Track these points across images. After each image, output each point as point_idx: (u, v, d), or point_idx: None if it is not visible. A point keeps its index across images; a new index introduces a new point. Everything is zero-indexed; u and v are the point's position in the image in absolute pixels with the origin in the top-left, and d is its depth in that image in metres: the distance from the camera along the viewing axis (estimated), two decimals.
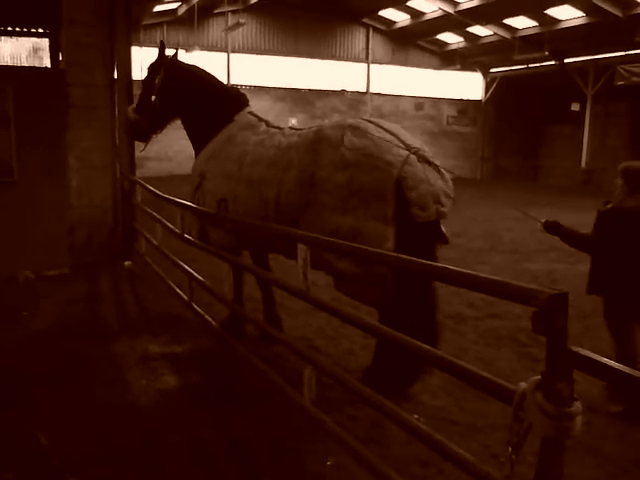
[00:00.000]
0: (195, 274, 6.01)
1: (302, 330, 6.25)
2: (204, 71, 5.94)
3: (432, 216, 4.20)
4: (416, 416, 4.03)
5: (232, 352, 5.32)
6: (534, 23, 26.25)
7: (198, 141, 5.85)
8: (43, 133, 8.30)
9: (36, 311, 6.73)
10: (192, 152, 6.02)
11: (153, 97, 5.76)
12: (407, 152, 4.23)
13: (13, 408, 4.36)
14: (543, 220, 4.63)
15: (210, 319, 5.72)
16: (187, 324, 6.38)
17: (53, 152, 8.42)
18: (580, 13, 24.02)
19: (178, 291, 6.63)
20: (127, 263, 8.91)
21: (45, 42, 15.87)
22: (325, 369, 3.67)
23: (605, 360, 1.83)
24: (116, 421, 4.25)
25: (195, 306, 6.10)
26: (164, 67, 5.76)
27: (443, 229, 4.49)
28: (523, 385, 2.04)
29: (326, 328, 6.29)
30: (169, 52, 5.95)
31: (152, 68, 5.88)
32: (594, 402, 4.41)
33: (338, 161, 4.33)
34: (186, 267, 6.27)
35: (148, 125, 5.95)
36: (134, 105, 6.13)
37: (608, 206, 4.47)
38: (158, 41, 6.05)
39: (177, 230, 6.30)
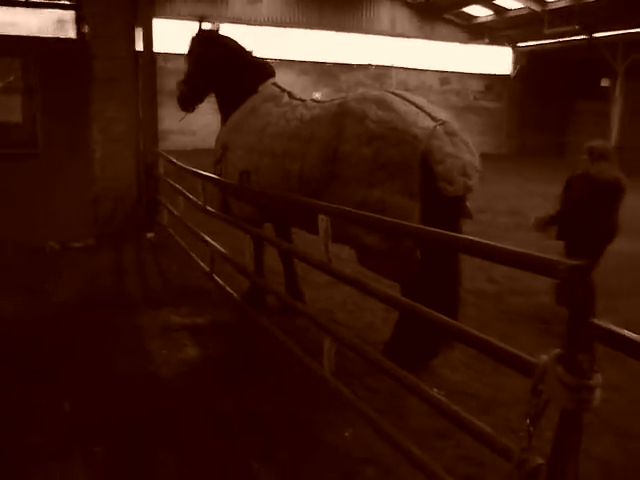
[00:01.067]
0: (217, 246, 6.03)
1: (323, 303, 6.26)
2: (233, 41, 5.99)
3: (459, 190, 4.12)
4: (436, 389, 4.03)
5: (253, 324, 5.35)
6: None
7: (224, 112, 5.93)
8: (67, 105, 8.33)
9: (60, 282, 6.82)
10: (216, 126, 6.06)
11: (193, 67, 5.98)
12: (434, 125, 4.16)
13: (39, 377, 4.44)
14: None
15: (231, 291, 5.75)
16: (208, 296, 6.42)
17: (77, 124, 8.47)
18: None
19: (200, 263, 6.67)
20: (150, 235, 8.98)
21: (69, 14, 15.84)
22: (345, 341, 3.67)
23: (627, 333, 1.80)
24: (138, 391, 4.31)
25: (216, 278, 6.14)
26: (202, 40, 5.93)
27: (467, 204, 4.43)
28: (544, 358, 2.01)
29: (347, 301, 6.29)
30: (206, 26, 6.07)
31: (193, 41, 6.04)
32: (615, 380, 4.36)
33: (363, 134, 4.27)
34: (208, 239, 6.30)
35: (190, 95, 6.11)
36: (183, 78, 6.22)
37: (576, 173, 5.81)
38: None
39: (199, 202, 6.32)
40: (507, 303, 6.58)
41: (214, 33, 6.03)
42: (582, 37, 26.65)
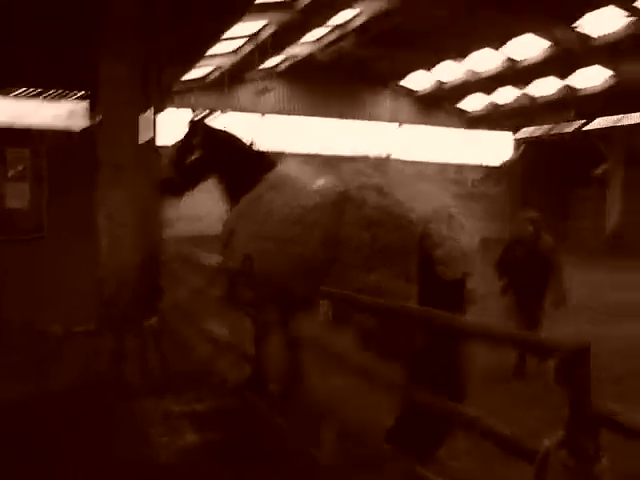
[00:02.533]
0: (218, 332, 6.01)
1: (325, 388, 6.16)
2: (235, 135, 6.24)
3: (458, 274, 4.16)
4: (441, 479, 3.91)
5: (253, 410, 5.26)
6: (558, 87, 26.55)
7: (230, 200, 6.06)
8: (74, 191, 8.51)
9: (62, 365, 6.76)
10: (221, 213, 6.18)
11: (192, 157, 6.08)
12: (431, 209, 4.24)
13: (36, 461, 4.35)
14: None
15: (232, 377, 5.68)
16: (210, 382, 6.33)
17: (83, 210, 8.61)
18: (604, 77, 24.25)
19: (202, 349, 6.62)
20: (153, 320, 8.93)
21: (81, 105, 16.42)
22: (347, 428, 3.60)
23: (631, 417, 1.78)
24: (136, 476, 4.20)
25: (218, 364, 6.08)
26: (200, 129, 6.09)
27: (470, 288, 4.44)
28: (546, 442, 1.98)
29: (348, 386, 6.18)
30: (201, 114, 6.25)
31: (188, 130, 6.21)
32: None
33: (362, 220, 4.36)
34: (210, 325, 6.28)
35: (183, 183, 6.19)
36: (167, 163, 6.32)
37: (519, 239, 6.93)
38: (190, 104, 6.37)
39: (203, 288, 6.34)
40: (515, 386, 6.48)
41: (211, 125, 6.27)
42: (577, 126, 27.45)
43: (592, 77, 24.58)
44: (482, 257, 4.46)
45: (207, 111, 6.42)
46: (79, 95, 15.87)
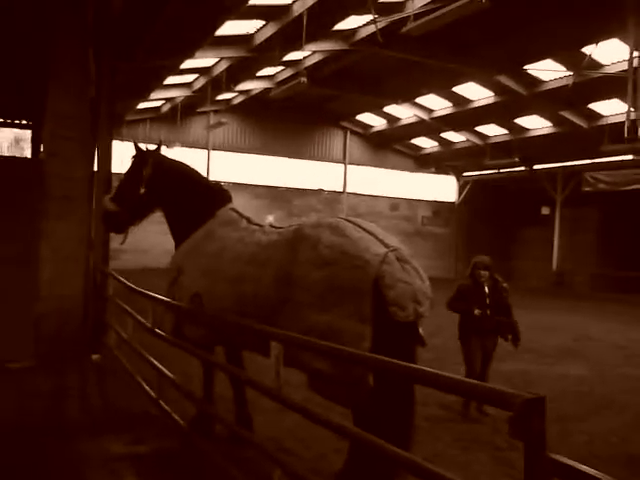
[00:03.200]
0: (164, 370, 5.85)
1: (273, 430, 6.04)
2: (189, 167, 6.04)
3: (410, 316, 4.15)
4: None
5: (199, 453, 5.11)
6: (504, 131, 27.45)
7: (179, 234, 5.85)
8: (18, 221, 8.27)
9: None
10: (168, 246, 6.01)
11: (141, 189, 5.75)
12: (385, 251, 4.25)
13: None
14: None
15: (177, 418, 5.52)
16: (153, 422, 6.13)
17: (26, 241, 8.36)
18: (548, 123, 25.20)
19: (146, 387, 6.43)
20: (95, 357, 8.67)
21: (27, 133, 16.15)
22: (296, 474, 3.52)
23: (585, 468, 1.78)
24: None
25: (162, 404, 5.90)
26: (152, 160, 5.83)
27: (420, 330, 4.44)
28: None
29: (297, 429, 6.09)
30: (152, 146, 6.05)
31: (135, 160, 5.93)
32: None
33: (316, 259, 4.32)
34: (155, 362, 6.11)
35: (129, 216, 5.90)
36: (111, 195, 6.10)
37: (465, 282, 7.36)
38: (140, 136, 6.18)
39: (148, 324, 6.19)
40: (461, 429, 6.49)
41: (164, 156, 6.04)
42: (522, 168, 28.35)
43: (537, 122, 25.48)
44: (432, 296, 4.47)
45: (158, 143, 6.16)
46: (24, 124, 15.61)
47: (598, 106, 22.85)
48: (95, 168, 9.15)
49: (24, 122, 15.84)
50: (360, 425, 3.61)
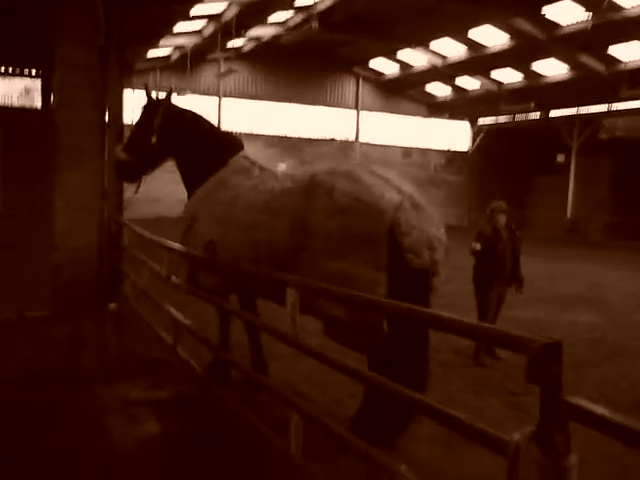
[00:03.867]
0: (180, 317, 5.92)
1: (288, 375, 6.14)
2: (201, 116, 5.95)
3: (426, 263, 4.16)
4: (404, 466, 3.92)
5: (216, 398, 5.20)
6: (520, 76, 26.88)
7: (191, 183, 5.80)
8: (32, 173, 8.28)
9: (13, 353, 6.58)
10: (181, 195, 5.98)
11: (153, 138, 5.66)
12: (400, 198, 4.22)
13: None
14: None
15: (194, 364, 5.61)
16: (170, 369, 6.24)
17: (40, 192, 8.40)
18: (565, 68, 24.63)
19: (162, 334, 6.52)
20: (112, 305, 8.78)
21: (37, 83, 16.03)
22: (312, 417, 3.58)
23: (602, 410, 1.78)
24: (91, 468, 4.11)
25: (179, 350, 5.99)
26: (163, 109, 5.75)
27: (435, 280, 4.44)
28: (517, 436, 1.98)
29: (313, 374, 6.18)
30: (162, 95, 5.95)
31: (146, 109, 5.84)
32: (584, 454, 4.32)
33: (331, 207, 4.30)
34: (171, 310, 6.18)
35: (141, 165, 5.84)
36: (123, 145, 6.05)
37: (485, 228, 7.30)
38: (149, 85, 6.05)
39: (163, 273, 6.23)
40: (473, 374, 6.55)
41: (175, 105, 5.91)
42: (538, 115, 27.85)
43: (553, 67, 24.93)
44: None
45: (168, 91, 6.03)
46: (34, 74, 15.50)
47: (617, 50, 22.29)
48: (106, 118, 9.08)
49: (34, 72, 15.72)
50: (375, 370, 3.65)
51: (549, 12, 19.61)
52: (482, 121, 33.15)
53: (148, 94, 5.86)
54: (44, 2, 9.84)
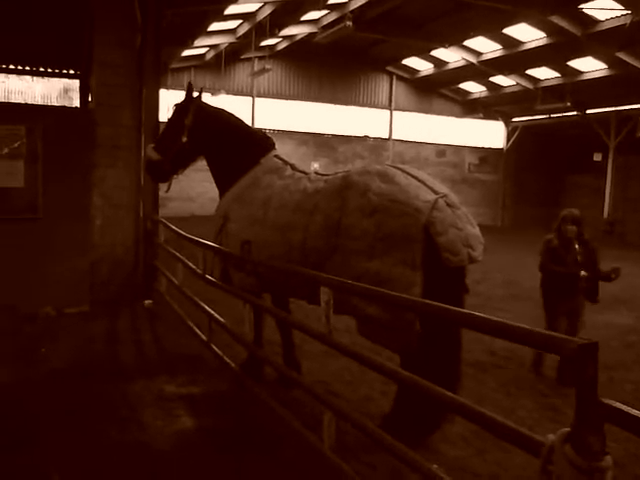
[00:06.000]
0: (215, 315, 6.00)
1: (320, 374, 6.18)
2: (232, 114, 5.92)
3: (464, 261, 4.15)
4: (436, 466, 3.93)
5: (250, 395, 5.27)
6: (556, 74, 26.47)
7: (223, 182, 5.81)
8: (70, 171, 8.44)
9: (53, 348, 6.74)
10: (214, 194, 6.02)
11: (183, 138, 5.63)
12: (435, 197, 4.22)
13: (27, 446, 4.32)
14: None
15: (229, 360, 5.68)
16: (205, 365, 6.34)
17: (78, 190, 8.55)
18: (602, 65, 24.20)
19: (197, 331, 6.62)
20: (147, 302, 8.93)
21: (75, 83, 16.34)
22: (345, 414, 3.61)
23: (637, 413, 1.78)
24: (130, 462, 4.20)
25: (214, 347, 6.08)
26: (193, 109, 5.73)
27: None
28: (551, 437, 1.98)
29: (344, 372, 6.22)
30: (195, 94, 5.96)
31: (178, 109, 5.81)
32: (617, 457, 4.28)
33: (365, 207, 4.32)
34: (206, 307, 6.26)
35: (171, 165, 5.78)
36: (154, 145, 5.94)
37: (552, 238, 6.71)
38: (185, 84, 6.08)
39: (199, 270, 6.32)
40: (506, 375, 6.51)
41: (206, 104, 5.89)
42: (574, 113, 27.40)
43: (591, 64, 24.52)
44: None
45: (199, 92, 5.97)
46: (72, 74, 15.77)
47: None
48: (142, 117, 9.23)
49: (72, 72, 16.02)
50: (408, 369, 3.66)
51: (587, 8, 19.26)
52: (517, 119, 32.74)
53: (189, 92, 5.85)
54: (81, 4, 10.02)
